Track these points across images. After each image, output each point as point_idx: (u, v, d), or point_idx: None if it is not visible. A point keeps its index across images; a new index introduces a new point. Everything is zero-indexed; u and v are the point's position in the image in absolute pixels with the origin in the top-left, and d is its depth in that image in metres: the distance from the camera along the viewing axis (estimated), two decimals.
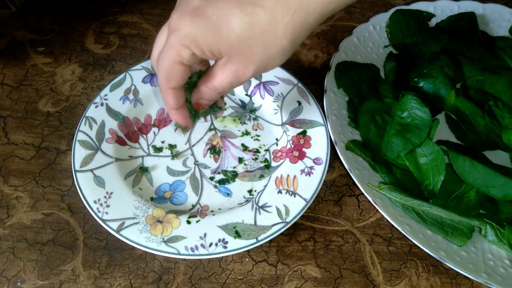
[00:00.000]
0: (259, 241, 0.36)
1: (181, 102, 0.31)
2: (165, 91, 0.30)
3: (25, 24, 0.56)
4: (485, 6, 0.56)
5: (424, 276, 0.38)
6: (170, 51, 0.27)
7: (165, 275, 0.37)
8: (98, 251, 0.38)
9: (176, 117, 0.32)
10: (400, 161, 0.42)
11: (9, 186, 0.42)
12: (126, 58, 0.53)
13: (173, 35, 0.27)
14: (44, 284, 0.36)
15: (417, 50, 0.52)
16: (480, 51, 0.51)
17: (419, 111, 0.43)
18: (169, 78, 0.29)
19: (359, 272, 0.38)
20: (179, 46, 0.27)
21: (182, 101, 0.31)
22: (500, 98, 0.46)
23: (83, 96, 0.49)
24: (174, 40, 0.27)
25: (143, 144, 0.45)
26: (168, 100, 0.30)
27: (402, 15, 0.54)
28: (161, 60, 0.28)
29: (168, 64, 0.28)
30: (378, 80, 0.50)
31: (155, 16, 0.59)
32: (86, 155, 0.41)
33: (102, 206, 0.37)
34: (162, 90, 0.30)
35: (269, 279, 0.37)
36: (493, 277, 0.35)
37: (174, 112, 0.31)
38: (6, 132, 0.46)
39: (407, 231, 0.36)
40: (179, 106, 0.31)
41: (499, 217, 0.39)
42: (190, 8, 0.26)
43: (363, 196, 0.43)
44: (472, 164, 0.40)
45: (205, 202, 0.41)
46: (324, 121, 0.44)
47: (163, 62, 0.28)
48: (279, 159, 0.44)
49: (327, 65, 0.48)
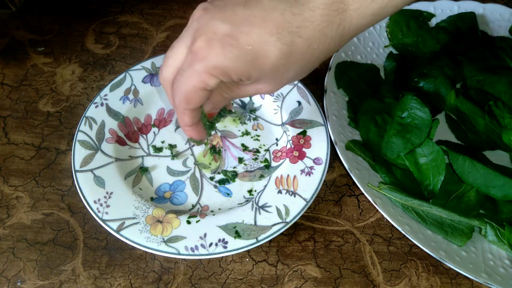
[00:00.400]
0: (259, 241, 0.36)
1: (197, 119, 0.30)
2: (182, 112, 0.28)
3: (25, 24, 0.56)
4: (485, 6, 0.56)
5: (424, 276, 0.38)
6: (194, 77, 0.25)
7: (165, 275, 0.37)
8: (98, 251, 0.38)
9: (191, 133, 0.31)
10: (400, 161, 0.42)
11: (9, 186, 0.42)
12: (126, 58, 0.53)
13: (200, 64, 0.25)
14: (44, 284, 0.36)
15: (417, 50, 0.52)
16: (480, 51, 0.51)
17: (419, 111, 0.43)
18: (189, 102, 0.27)
19: (359, 272, 0.38)
20: (205, 75, 0.25)
21: (198, 118, 0.30)
22: (500, 98, 0.46)
23: (83, 96, 0.49)
24: (201, 69, 0.25)
25: (143, 144, 0.45)
26: (184, 119, 0.29)
27: (402, 15, 0.54)
28: (181, 84, 0.26)
29: (190, 89, 0.26)
30: (378, 80, 0.50)
31: (155, 16, 0.59)
32: (86, 155, 0.41)
33: (102, 206, 0.37)
34: (179, 111, 0.28)
35: (269, 279, 0.37)
36: (493, 277, 0.35)
37: (189, 128, 0.30)
38: (6, 132, 0.46)
39: (407, 231, 0.36)
40: (195, 124, 0.30)
41: (499, 217, 0.39)
42: (220, 34, 0.24)
43: (363, 196, 0.43)
44: (472, 164, 0.40)
45: (205, 202, 0.41)
46: (324, 121, 0.44)
47: (184, 86, 0.26)
48: (279, 159, 0.44)
49: (327, 65, 0.48)
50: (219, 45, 0.24)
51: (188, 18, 0.28)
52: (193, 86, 0.26)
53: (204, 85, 0.26)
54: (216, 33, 0.25)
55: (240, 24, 0.25)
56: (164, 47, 0.55)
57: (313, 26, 0.25)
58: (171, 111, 0.47)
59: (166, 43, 0.55)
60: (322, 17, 0.25)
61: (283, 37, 0.25)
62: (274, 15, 0.25)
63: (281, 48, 0.25)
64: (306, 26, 0.25)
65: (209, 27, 0.25)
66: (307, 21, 0.25)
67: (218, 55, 0.24)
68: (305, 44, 0.26)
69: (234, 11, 0.25)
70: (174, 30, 0.57)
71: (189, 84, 0.26)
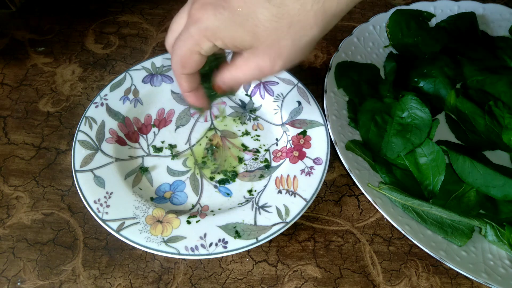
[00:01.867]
0: (259, 241, 0.36)
1: (195, 86, 0.31)
2: (179, 76, 0.30)
3: (25, 24, 0.56)
4: (485, 6, 0.56)
5: (424, 276, 0.38)
6: (188, 40, 0.26)
7: (165, 275, 0.37)
8: (98, 251, 0.38)
9: (191, 99, 0.32)
10: (400, 161, 0.42)
11: (9, 186, 0.42)
12: (126, 58, 0.53)
13: (194, 26, 0.26)
14: (44, 284, 0.36)
15: (417, 50, 0.52)
16: (480, 51, 0.51)
17: (419, 111, 0.43)
18: (184, 66, 0.28)
19: (359, 272, 0.38)
20: (199, 37, 0.26)
21: (196, 84, 0.31)
22: (500, 98, 0.46)
23: (83, 96, 0.49)
24: (195, 31, 0.26)
25: (143, 144, 0.45)
26: (182, 84, 0.30)
27: (402, 15, 0.54)
28: (177, 47, 0.27)
29: (185, 52, 0.27)
30: (378, 80, 0.50)
31: (155, 16, 0.59)
32: (86, 155, 0.41)
33: (102, 206, 0.37)
34: (176, 75, 0.30)
35: (269, 279, 0.37)
36: (493, 277, 0.35)
37: (188, 94, 0.31)
38: (6, 132, 0.46)
39: (407, 231, 0.36)
40: (193, 89, 0.31)
41: (499, 217, 0.39)
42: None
43: (363, 196, 0.43)
44: (472, 164, 0.40)
45: (205, 202, 0.41)
46: (324, 121, 0.44)
47: (180, 49, 0.27)
48: (279, 159, 0.44)
49: (327, 65, 0.48)
50: (211, 8, 0.25)
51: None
52: (188, 49, 0.27)
53: (198, 48, 0.26)
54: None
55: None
56: (164, 47, 0.55)
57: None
58: (171, 111, 0.47)
59: None
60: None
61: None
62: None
63: (271, 9, 0.25)
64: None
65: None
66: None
67: (210, 17, 0.25)
68: (297, 4, 0.25)
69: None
70: None
71: (184, 47, 0.27)
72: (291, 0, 0.25)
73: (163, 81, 0.48)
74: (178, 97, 0.48)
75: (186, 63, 0.28)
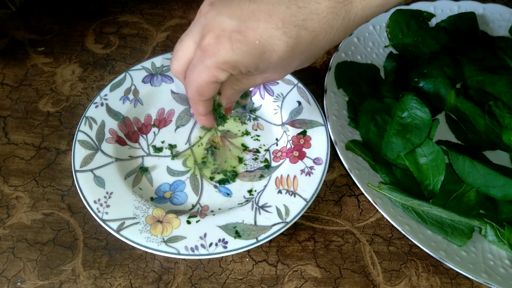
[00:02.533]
0: (259, 241, 0.36)
1: (210, 109, 0.32)
2: (196, 103, 0.30)
3: (25, 24, 0.56)
4: (485, 6, 0.56)
5: (424, 276, 0.38)
6: (205, 72, 0.27)
7: (165, 275, 0.37)
8: (98, 251, 0.38)
9: (204, 122, 0.33)
10: (400, 161, 0.42)
11: (9, 186, 0.42)
12: (126, 58, 0.53)
13: (210, 59, 0.26)
14: (44, 284, 0.36)
15: (417, 50, 0.52)
16: (480, 51, 0.51)
17: (419, 111, 0.43)
18: (202, 94, 0.29)
19: (359, 272, 0.38)
20: (216, 70, 0.26)
21: (211, 108, 0.32)
22: (500, 98, 0.46)
23: (83, 96, 0.49)
24: (212, 64, 0.26)
25: (143, 144, 0.45)
26: (199, 109, 0.31)
27: (402, 15, 0.54)
28: (193, 79, 0.28)
29: (202, 83, 0.28)
30: (378, 80, 0.50)
31: (155, 16, 0.59)
32: (86, 155, 0.41)
33: (102, 206, 0.37)
34: (193, 102, 0.30)
35: (269, 279, 0.37)
36: (493, 277, 0.35)
37: (203, 118, 0.32)
38: (6, 132, 0.46)
39: (407, 231, 0.36)
40: (208, 113, 0.32)
41: (499, 217, 0.39)
42: (227, 31, 0.25)
43: (363, 196, 0.43)
44: (472, 164, 0.40)
45: (205, 202, 0.41)
46: (324, 121, 0.44)
47: (196, 81, 0.28)
48: (279, 159, 0.44)
49: (327, 65, 0.48)
50: (227, 42, 0.25)
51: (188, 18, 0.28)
52: (205, 81, 0.27)
53: (215, 79, 0.27)
54: (224, 30, 0.25)
55: (247, 19, 0.25)
56: (164, 47, 0.55)
57: (318, 18, 0.26)
58: (171, 111, 0.47)
59: (166, 43, 0.55)
60: (328, 9, 0.26)
61: (289, 30, 0.25)
62: (280, 9, 0.25)
63: (287, 42, 0.26)
64: (311, 18, 0.25)
65: (217, 23, 0.26)
66: (313, 14, 0.25)
67: (227, 51, 0.25)
68: (310, 36, 0.26)
69: (240, 6, 0.25)
70: (174, 30, 0.57)
71: (201, 79, 0.27)
72: (306, 33, 0.26)
73: (163, 81, 0.48)
74: (178, 97, 0.48)
75: (203, 92, 0.28)
